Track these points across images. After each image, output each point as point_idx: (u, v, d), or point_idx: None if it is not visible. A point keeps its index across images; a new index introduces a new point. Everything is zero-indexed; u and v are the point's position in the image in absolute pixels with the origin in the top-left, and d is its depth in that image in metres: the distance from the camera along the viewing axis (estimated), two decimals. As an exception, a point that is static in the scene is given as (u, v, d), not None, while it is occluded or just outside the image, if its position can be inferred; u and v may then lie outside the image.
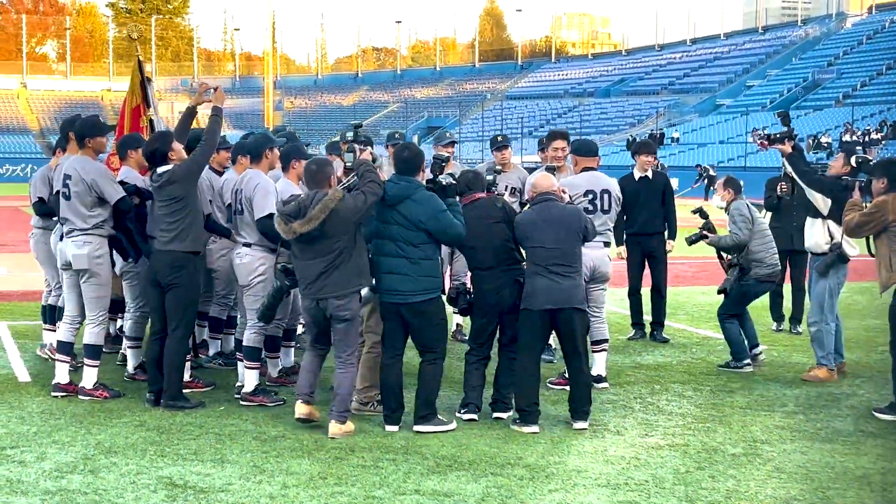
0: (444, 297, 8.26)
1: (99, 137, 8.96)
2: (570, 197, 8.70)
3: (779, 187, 12.18)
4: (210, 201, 9.14)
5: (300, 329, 10.57)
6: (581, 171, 9.60)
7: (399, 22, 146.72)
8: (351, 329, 7.83)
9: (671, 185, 12.46)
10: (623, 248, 12.11)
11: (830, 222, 9.76)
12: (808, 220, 10.04)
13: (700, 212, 10.72)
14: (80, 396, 8.72)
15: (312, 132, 76.78)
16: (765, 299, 11.85)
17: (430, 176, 8.34)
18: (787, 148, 9.86)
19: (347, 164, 8.12)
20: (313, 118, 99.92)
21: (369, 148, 8.06)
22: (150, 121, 10.41)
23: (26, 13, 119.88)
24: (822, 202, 9.72)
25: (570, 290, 8.04)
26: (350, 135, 8.39)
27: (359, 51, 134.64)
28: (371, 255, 8.02)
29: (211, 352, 10.27)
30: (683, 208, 12.79)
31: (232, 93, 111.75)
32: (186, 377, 9.00)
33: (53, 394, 8.82)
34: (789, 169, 10.15)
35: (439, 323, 8.04)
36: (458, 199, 8.26)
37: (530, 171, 11.49)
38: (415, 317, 7.92)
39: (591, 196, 9.42)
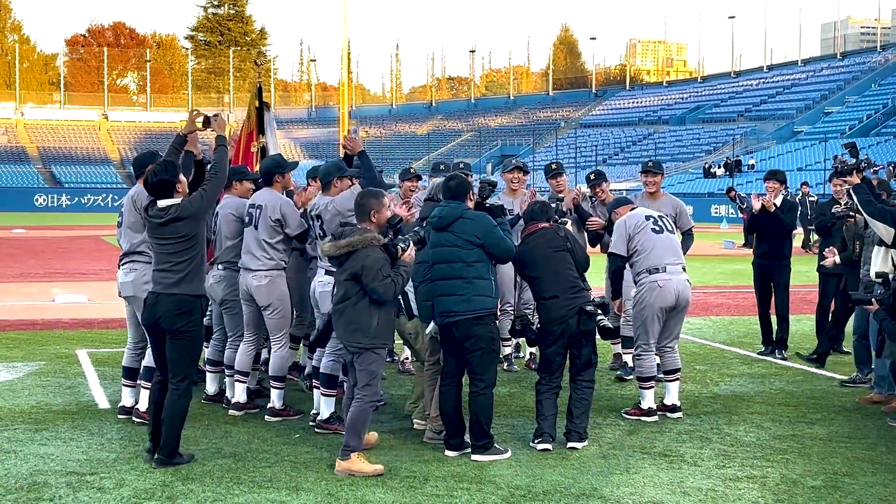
0: (496, 323, 8.28)
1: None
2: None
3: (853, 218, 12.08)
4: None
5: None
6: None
7: (473, 51, 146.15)
8: (361, 366, 7.59)
9: (795, 213, 12.84)
10: None
11: (894, 251, 9.64)
12: (875, 248, 9.94)
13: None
14: (135, 419, 8.83)
15: (386, 161, 77.35)
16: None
17: (479, 199, 8.61)
18: (856, 179, 9.75)
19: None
20: (387, 147, 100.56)
21: (411, 250, 7.80)
22: (262, 147, 10.51)
23: (107, 46, 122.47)
24: (885, 231, 9.59)
25: None
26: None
27: (433, 80, 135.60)
28: (420, 282, 8.15)
29: (306, 371, 10.32)
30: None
31: (308, 123, 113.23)
32: (278, 405, 9.10)
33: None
34: (855, 199, 10.02)
35: (489, 346, 8.00)
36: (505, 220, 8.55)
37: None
38: (465, 338, 7.92)
39: (651, 220, 9.45)
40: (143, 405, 8.92)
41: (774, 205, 12.40)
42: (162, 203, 7.57)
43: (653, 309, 9.23)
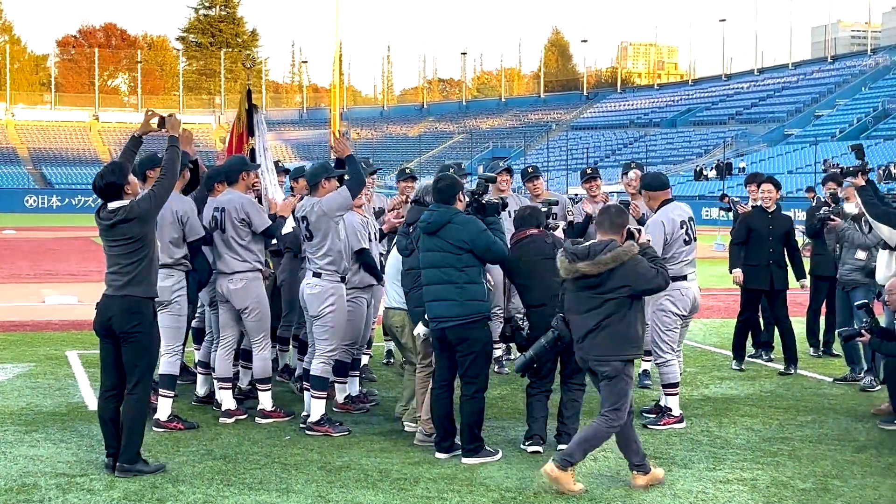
0: (489, 325, 8.25)
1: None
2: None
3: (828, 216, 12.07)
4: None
5: (365, 360, 10.63)
6: (663, 204, 9.38)
7: (464, 53, 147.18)
8: (613, 388, 7.25)
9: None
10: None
11: None
12: (879, 253, 9.98)
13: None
14: (155, 429, 8.66)
15: (378, 163, 77.18)
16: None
17: (475, 195, 8.48)
18: (860, 181, 9.75)
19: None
20: (379, 149, 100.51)
21: (648, 236, 7.55)
22: (252, 149, 10.49)
23: (98, 47, 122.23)
24: (889, 233, 9.60)
25: None
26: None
27: (424, 82, 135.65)
28: (411, 288, 8.22)
29: (297, 374, 10.29)
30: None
31: (299, 124, 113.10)
32: (268, 407, 9.07)
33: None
34: (859, 201, 10.02)
35: (482, 350, 7.99)
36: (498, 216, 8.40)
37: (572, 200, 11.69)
38: (459, 342, 7.91)
39: (685, 227, 9.34)
40: (162, 415, 8.82)
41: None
42: (112, 205, 7.45)
43: (676, 316, 9.30)
